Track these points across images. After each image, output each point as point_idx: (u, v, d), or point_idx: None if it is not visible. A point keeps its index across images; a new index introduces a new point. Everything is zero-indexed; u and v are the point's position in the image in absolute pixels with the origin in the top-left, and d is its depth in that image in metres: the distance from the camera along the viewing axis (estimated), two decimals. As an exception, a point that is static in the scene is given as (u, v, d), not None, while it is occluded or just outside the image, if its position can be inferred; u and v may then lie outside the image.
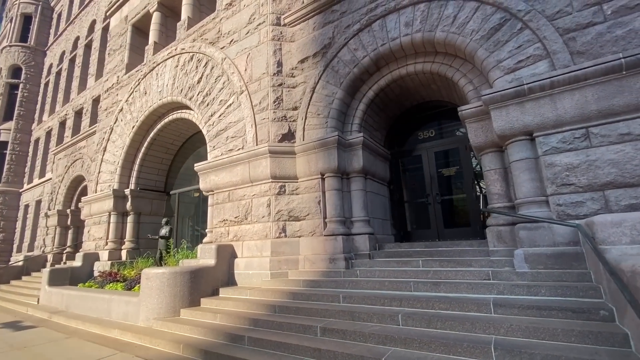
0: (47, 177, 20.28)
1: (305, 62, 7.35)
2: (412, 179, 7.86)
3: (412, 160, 7.85)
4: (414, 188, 7.80)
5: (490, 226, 5.14)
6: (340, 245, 6.08)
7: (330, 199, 6.48)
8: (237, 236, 7.14)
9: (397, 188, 7.94)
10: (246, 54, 8.01)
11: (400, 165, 8.02)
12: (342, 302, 4.83)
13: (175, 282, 6.02)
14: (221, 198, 7.67)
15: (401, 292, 4.69)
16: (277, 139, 7.07)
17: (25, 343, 5.67)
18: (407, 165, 7.94)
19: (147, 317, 5.93)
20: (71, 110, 19.74)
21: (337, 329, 4.06)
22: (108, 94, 12.66)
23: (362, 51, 6.59)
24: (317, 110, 6.97)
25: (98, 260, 10.62)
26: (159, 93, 10.22)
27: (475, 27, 5.37)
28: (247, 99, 7.65)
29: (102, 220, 11.11)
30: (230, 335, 4.60)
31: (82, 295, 7.66)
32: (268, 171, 6.82)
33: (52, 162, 20.39)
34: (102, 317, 6.89)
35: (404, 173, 7.98)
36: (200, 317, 5.59)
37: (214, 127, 8.27)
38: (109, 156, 11.65)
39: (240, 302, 5.66)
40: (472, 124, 5.42)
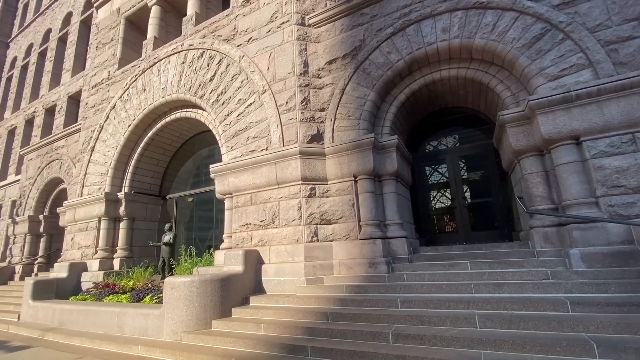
0: (10, 180, 18.34)
1: (333, 63, 7.25)
2: (435, 182, 7.94)
3: (435, 164, 7.94)
4: (437, 191, 7.87)
5: (535, 227, 5.26)
6: (379, 249, 5.94)
7: (364, 201, 6.35)
8: (262, 241, 6.77)
9: (421, 191, 7.98)
10: (268, 52, 7.75)
11: (422, 168, 8.08)
12: (401, 307, 4.69)
13: (206, 291, 5.54)
14: (242, 201, 7.26)
15: (462, 294, 4.64)
16: (306, 140, 6.85)
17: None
18: (430, 169, 8.02)
19: (174, 330, 5.38)
20: (41, 107, 18.11)
21: (412, 334, 3.90)
22: (96, 89, 11.71)
23: (396, 54, 6.61)
24: (347, 112, 6.86)
25: (86, 271, 9.62)
26: (162, 90, 9.60)
27: (516, 35, 5.58)
28: (270, 99, 7.37)
29: (90, 227, 10.13)
30: (288, 347, 4.27)
31: (82, 310, 6.84)
32: (298, 173, 6.57)
33: (17, 163, 18.52)
34: (110, 332, 6.17)
35: (428, 177, 8.05)
36: (239, 328, 5.17)
37: (232, 127, 7.88)
38: (99, 157, 10.71)
39: (280, 310, 5.31)
40: (513, 128, 5.58)
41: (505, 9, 5.72)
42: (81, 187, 10.87)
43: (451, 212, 7.46)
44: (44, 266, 13.20)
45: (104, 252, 9.75)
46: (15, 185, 17.93)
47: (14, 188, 18.01)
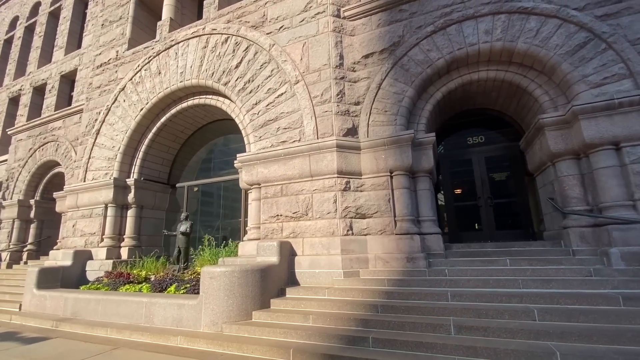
0: (-10, 162, 17.10)
1: (369, 57, 7.23)
2: (460, 181, 8.13)
3: (460, 163, 8.12)
4: (462, 190, 8.06)
5: (571, 227, 5.51)
6: (417, 245, 6.03)
7: (400, 197, 6.41)
8: (295, 233, 6.70)
9: (446, 188, 8.14)
10: (301, 42, 7.63)
11: (447, 166, 8.24)
12: (451, 300, 4.79)
13: (247, 282, 5.44)
14: (272, 192, 7.15)
15: (511, 289, 4.80)
16: (342, 133, 6.82)
17: (57, 358, 4.65)
18: (454, 168, 8.18)
19: (214, 321, 5.25)
20: (28, 85, 17.01)
21: (474, 326, 4.00)
22: (102, 69, 11.12)
23: (436, 53, 6.68)
24: (384, 107, 6.88)
25: (91, 259, 9.17)
26: (180, 75, 9.25)
27: (559, 42, 5.78)
28: (304, 90, 7.27)
29: (96, 213, 9.65)
30: (347, 338, 4.27)
31: (102, 299, 6.53)
32: (334, 166, 6.54)
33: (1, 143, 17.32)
34: (137, 323, 5.93)
35: (453, 174, 8.21)
36: (283, 319, 5.11)
37: (260, 117, 7.71)
38: (105, 140, 10.20)
39: (324, 302, 5.30)
40: (552, 131, 5.80)
41: (549, 16, 5.91)
42: (84, 171, 10.32)
43: (476, 210, 7.67)
44: (33, 254, 12.49)
45: (110, 241, 9.33)
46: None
47: (-6, 170, 16.84)
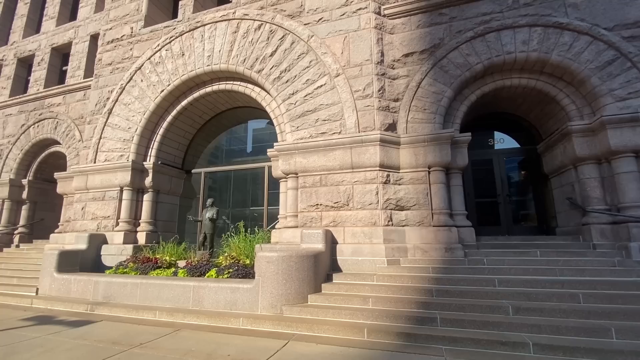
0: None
1: (410, 56, 7.54)
2: (480, 179, 8.71)
3: (481, 162, 8.69)
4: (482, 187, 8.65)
5: (592, 224, 6.20)
6: (455, 236, 6.49)
7: (438, 192, 6.84)
8: (335, 222, 6.94)
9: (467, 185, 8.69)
10: (342, 36, 7.78)
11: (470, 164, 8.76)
12: (498, 286, 5.28)
13: (303, 267, 5.64)
14: (310, 182, 7.32)
15: (550, 277, 5.36)
16: (383, 128, 7.11)
17: (124, 340, 4.64)
18: (475, 166, 8.74)
19: (273, 304, 5.41)
20: (12, 55, 15.73)
21: (529, 308, 4.51)
22: (114, 45, 10.58)
23: (475, 57, 7.11)
24: (423, 105, 7.24)
25: (106, 243, 8.88)
26: (207, 58, 9.07)
27: (590, 57, 6.39)
28: (345, 83, 7.46)
29: (109, 196, 9.30)
30: (414, 318, 4.63)
31: (141, 283, 6.43)
32: (377, 159, 6.83)
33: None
34: (184, 306, 5.94)
35: (474, 173, 8.77)
36: (342, 302, 5.38)
37: (297, 107, 7.81)
38: (120, 121, 9.79)
39: (377, 287, 5.64)
40: (578, 138, 6.45)
41: (582, 33, 6.51)
42: (94, 152, 9.86)
43: (495, 206, 8.30)
44: (26, 236, 11.75)
45: (127, 225, 9.06)
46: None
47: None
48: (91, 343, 4.48)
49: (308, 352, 4.08)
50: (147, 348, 4.27)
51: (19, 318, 5.89)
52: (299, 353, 4.04)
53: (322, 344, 4.33)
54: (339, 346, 4.26)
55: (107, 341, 4.55)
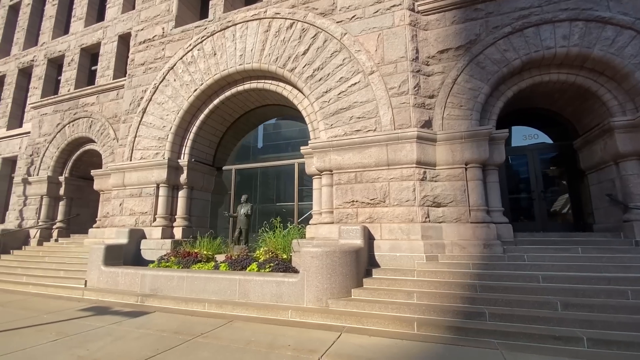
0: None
1: (445, 53, 7.53)
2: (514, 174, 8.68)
3: (515, 158, 8.66)
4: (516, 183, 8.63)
5: (634, 221, 6.15)
6: (494, 233, 6.54)
7: (475, 188, 6.87)
8: (371, 218, 7.07)
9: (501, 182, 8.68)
10: (375, 33, 7.81)
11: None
12: (542, 282, 5.33)
13: (346, 261, 5.80)
14: (345, 179, 7.45)
15: (596, 273, 5.38)
16: (419, 125, 7.15)
17: (184, 330, 4.90)
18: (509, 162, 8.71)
19: (318, 297, 5.61)
20: (42, 56, 16.28)
21: (578, 304, 4.57)
22: (147, 46, 10.85)
23: (512, 53, 7.07)
24: (459, 102, 7.25)
25: (145, 238, 9.24)
26: (240, 57, 9.23)
27: (634, 52, 6.29)
28: (379, 81, 7.52)
29: (146, 193, 9.64)
30: (463, 313, 4.75)
31: (187, 277, 6.71)
32: (414, 156, 6.90)
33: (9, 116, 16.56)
34: (230, 299, 6.19)
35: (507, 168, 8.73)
36: (385, 296, 5.53)
37: (331, 105, 7.91)
38: (154, 119, 10.09)
39: (419, 282, 5.76)
40: (621, 134, 6.38)
41: (625, 27, 6.39)
42: (130, 150, 10.20)
43: (529, 202, 8.28)
44: (64, 231, 12.27)
45: (163, 220, 9.39)
46: (8, 141, 16.11)
47: (5, 144, 16.18)
48: (154, 332, 4.76)
49: (363, 343, 4.25)
50: (209, 338, 4.51)
51: (77, 309, 6.24)
52: (355, 344, 4.21)
53: (374, 336, 4.50)
54: (391, 338, 4.41)
55: (168, 331, 4.82)
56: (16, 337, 4.54)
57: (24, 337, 4.56)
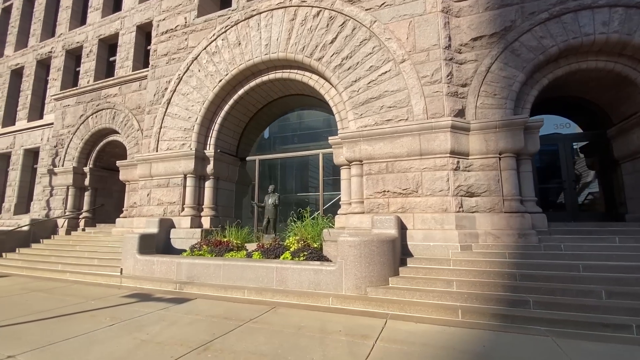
0: (20, 127, 16.66)
1: (478, 40, 7.40)
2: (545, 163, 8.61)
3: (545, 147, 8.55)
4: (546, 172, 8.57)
5: (675, 210, 6.10)
6: (529, 222, 6.54)
7: (509, 178, 6.84)
8: (404, 208, 7.10)
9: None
10: (407, 21, 7.69)
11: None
12: (583, 271, 5.35)
13: (383, 250, 5.87)
14: (376, 169, 7.46)
15: (636, 262, 5.37)
16: (453, 114, 7.09)
17: (231, 315, 5.04)
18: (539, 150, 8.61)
19: (357, 285, 5.71)
20: (60, 47, 16.36)
21: (622, 292, 4.62)
22: (169, 36, 10.83)
23: (549, 40, 6.92)
24: (493, 91, 7.15)
25: (174, 227, 9.42)
26: (265, 47, 9.18)
27: (679, 37, 6.11)
28: (411, 69, 7.43)
29: (173, 183, 9.78)
30: (505, 301, 4.80)
31: (223, 265, 6.86)
32: (448, 146, 6.87)
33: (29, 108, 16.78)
34: (268, 286, 6.34)
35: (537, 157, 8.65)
36: (424, 285, 5.61)
37: (360, 94, 7.87)
38: (179, 110, 10.14)
39: (456, 271, 5.82)
40: (663, 122, 6.25)
41: (670, 11, 6.20)
42: (156, 141, 10.31)
43: (559, 192, 8.23)
44: (90, 221, 12.56)
45: (192, 210, 9.55)
46: (29, 133, 16.37)
47: (27, 135, 16.44)
48: (204, 318, 4.91)
49: (412, 330, 4.34)
50: (259, 323, 4.64)
51: (119, 295, 6.45)
52: (404, 330, 4.31)
53: (420, 323, 4.58)
54: (438, 325, 4.49)
55: (217, 317, 4.97)
56: (74, 322, 4.72)
57: (81, 322, 4.74)
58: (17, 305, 5.72)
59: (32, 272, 8.94)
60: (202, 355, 3.53)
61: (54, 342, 3.89)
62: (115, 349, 3.71)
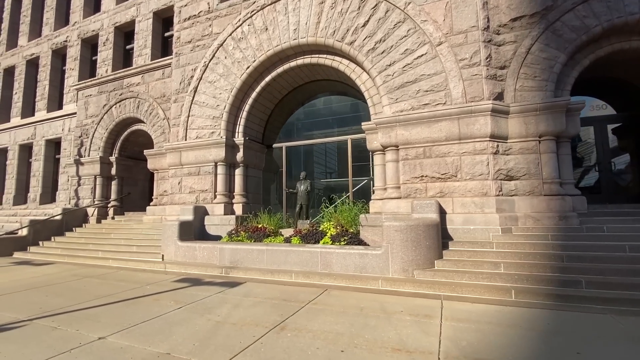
0: (39, 118, 16.79)
1: (517, 20, 7.25)
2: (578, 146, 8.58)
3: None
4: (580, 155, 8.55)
5: None
6: (569, 205, 6.59)
7: (549, 161, 6.84)
8: (442, 192, 7.17)
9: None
10: (443, 2, 7.53)
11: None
12: (630, 252, 5.43)
13: (429, 234, 5.99)
14: (413, 154, 7.49)
15: (685, 243, 5.45)
16: (492, 97, 7.04)
17: (290, 297, 5.23)
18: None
19: (404, 268, 5.86)
20: (75, 36, 16.27)
21: (678, 272, 4.67)
22: (192, 22, 10.71)
23: (593, 20, 6.76)
24: (533, 73, 7.06)
25: (207, 215, 9.61)
26: (293, 32, 9.07)
27: None
28: (448, 52, 7.34)
29: (204, 171, 9.91)
30: (556, 281, 4.93)
31: (267, 250, 7.05)
32: (488, 130, 6.86)
33: (47, 98, 16.84)
34: (313, 270, 6.52)
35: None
36: (471, 267, 5.75)
37: (395, 79, 7.81)
38: (206, 99, 10.15)
39: (502, 254, 5.93)
40: None
41: None
42: (184, 129, 10.38)
43: (594, 174, 8.22)
44: (118, 209, 12.82)
45: (224, 197, 9.71)
46: (50, 123, 16.51)
47: (47, 126, 16.60)
48: (263, 300, 5.11)
49: (470, 309, 4.49)
50: (319, 304, 4.83)
51: (170, 280, 6.68)
52: (463, 310, 4.46)
53: (475, 303, 4.74)
54: (494, 305, 4.64)
55: (275, 298, 5.17)
56: (141, 306, 4.94)
57: (147, 305, 4.96)
58: (77, 290, 5.97)
59: (73, 259, 9.23)
60: (282, 334, 3.71)
61: (134, 324, 4.10)
62: (195, 329, 3.91)
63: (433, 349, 3.26)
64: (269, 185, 11.43)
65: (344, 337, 3.61)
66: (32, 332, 3.91)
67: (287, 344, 3.43)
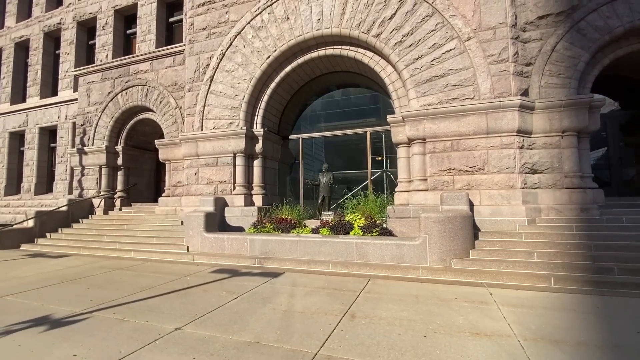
0: (32, 104, 16.00)
1: (544, 19, 7.47)
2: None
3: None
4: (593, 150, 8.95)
5: None
6: (590, 197, 6.97)
7: (571, 156, 7.18)
8: (470, 185, 7.41)
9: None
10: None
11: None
12: (653, 241, 5.84)
13: (465, 225, 6.23)
14: (440, 147, 7.68)
15: (701, 232, 5.90)
16: (519, 93, 7.28)
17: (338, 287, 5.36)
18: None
19: (442, 258, 6.09)
20: (71, 19, 15.49)
21: (701, 259, 5.08)
22: (206, 9, 10.41)
23: (615, 20, 7.06)
24: (558, 70, 7.33)
25: (227, 206, 9.54)
26: (317, 22, 8.99)
27: None
28: (477, 47, 7.50)
29: (223, 162, 9.80)
30: (590, 268, 5.28)
31: (299, 241, 7.12)
32: (515, 125, 7.11)
33: (40, 84, 16.03)
34: (349, 260, 6.65)
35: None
36: (505, 256, 6.03)
37: (423, 73, 7.92)
38: (224, 88, 9.97)
39: (531, 243, 6.26)
40: None
41: None
42: (200, 119, 10.18)
43: (605, 169, 8.68)
44: (125, 200, 12.50)
45: (243, 189, 9.66)
46: (43, 110, 15.77)
47: (41, 113, 15.86)
48: (315, 290, 5.21)
49: (519, 295, 4.75)
50: (372, 293, 4.98)
51: (207, 271, 6.67)
52: (513, 297, 4.71)
53: (520, 290, 5.01)
54: (538, 291, 4.93)
55: (325, 288, 5.28)
56: (195, 297, 4.94)
57: (201, 296, 4.97)
58: (117, 283, 5.88)
59: (89, 251, 9.01)
60: (356, 321, 3.84)
61: (202, 315, 4.12)
62: (267, 318, 3.97)
63: (509, 333, 3.46)
64: (284, 177, 11.42)
65: (417, 323, 3.77)
66: (99, 325, 3.87)
67: (368, 330, 3.56)
